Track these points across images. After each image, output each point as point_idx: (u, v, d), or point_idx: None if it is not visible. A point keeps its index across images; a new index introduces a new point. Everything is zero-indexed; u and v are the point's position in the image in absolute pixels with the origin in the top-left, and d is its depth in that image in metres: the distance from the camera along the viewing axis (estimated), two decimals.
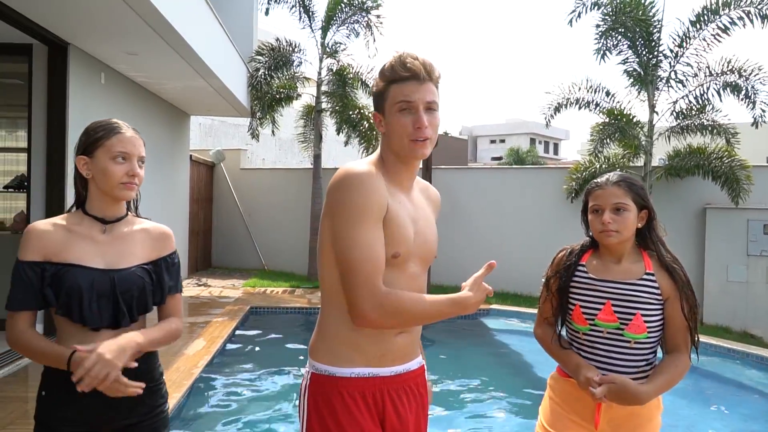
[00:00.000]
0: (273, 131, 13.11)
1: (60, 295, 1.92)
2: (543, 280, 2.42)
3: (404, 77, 1.81)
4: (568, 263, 2.34)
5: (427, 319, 1.84)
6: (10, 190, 7.30)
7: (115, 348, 1.85)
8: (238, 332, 7.72)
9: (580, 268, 2.31)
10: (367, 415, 1.83)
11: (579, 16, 10.79)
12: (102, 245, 2.00)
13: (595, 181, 2.36)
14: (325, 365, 1.86)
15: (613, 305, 2.20)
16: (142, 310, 2.03)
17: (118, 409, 1.98)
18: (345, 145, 13.00)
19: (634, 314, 2.18)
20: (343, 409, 1.81)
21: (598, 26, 10.60)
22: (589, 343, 2.24)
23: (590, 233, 2.37)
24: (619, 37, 10.57)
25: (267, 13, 12.46)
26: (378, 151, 1.92)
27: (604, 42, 10.64)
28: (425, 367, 2.06)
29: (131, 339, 1.90)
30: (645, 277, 2.22)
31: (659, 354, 2.31)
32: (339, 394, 1.82)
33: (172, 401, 4.54)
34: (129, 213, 2.13)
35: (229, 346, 7.08)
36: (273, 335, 8.00)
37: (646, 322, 2.18)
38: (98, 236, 2.01)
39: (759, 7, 9.76)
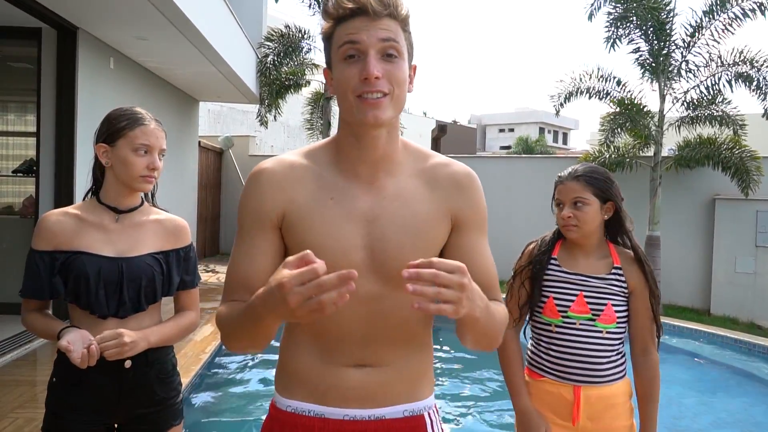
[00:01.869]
0: (275, 117, 13.05)
1: (68, 282, 1.94)
2: (512, 272, 2.37)
3: (349, 11, 1.32)
4: (540, 255, 2.32)
5: (243, 330, 1.29)
6: (18, 174, 7.32)
7: (134, 337, 1.89)
8: None
9: (552, 261, 2.30)
10: None
11: (599, 8, 10.70)
12: (113, 234, 2.00)
13: (559, 174, 2.38)
14: (276, 393, 1.53)
15: (585, 297, 2.21)
16: (150, 300, 2.02)
17: (129, 399, 1.99)
18: None
19: (605, 304, 2.20)
20: None
21: (609, 14, 10.52)
22: (561, 334, 2.22)
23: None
24: (631, 26, 10.49)
25: (277, 0, 12.43)
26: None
27: (615, 31, 10.55)
28: (429, 419, 1.51)
29: (144, 338, 1.93)
30: (614, 271, 2.24)
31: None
32: (272, 427, 1.50)
33: None
34: (145, 203, 2.12)
35: None
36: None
37: (615, 311, 2.20)
38: (110, 225, 2.01)
39: None
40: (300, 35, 12.29)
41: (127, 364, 1.95)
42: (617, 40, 10.62)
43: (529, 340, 2.39)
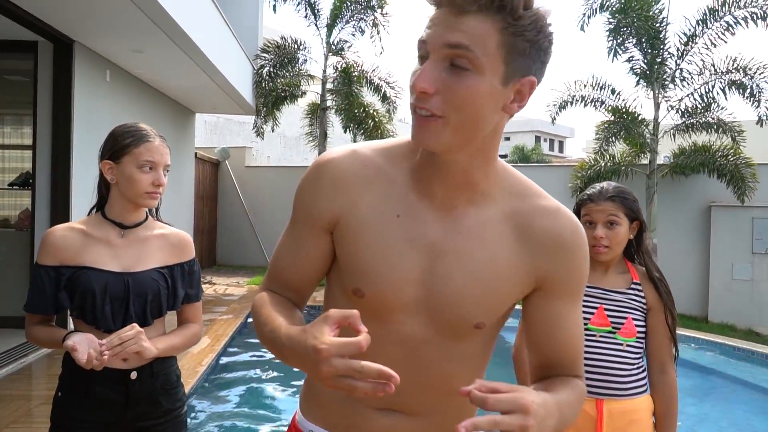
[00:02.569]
0: (273, 128, 13.07)
1: (74, 298, 1.95)
2: None
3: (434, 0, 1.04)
4: None
5: (269, 347, 1.16)
6: (15, 187, 7.31)
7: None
8: (243, 330, 7.73)
9: None
10: None
11: (588, 19, 10.79)
12: (118, 249, 2.01)
13: (588, 192, 2.31)
14: (299, 407, 1.42)
15: (606, 309, 2.21)
16: (156, 315, 2.03)
17: (134, 411, 1.99)
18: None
19: (625, 318, 2.20)
20: None
21: (609, 22, 10.58)
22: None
23: None
24: (626, 35, 10.56)
25: (275, 10, 12.47)
26: None
27: (615, 40, 10.62)
28: None
29: (153, 347, 1.93)
30: (633, 286, 2.24)
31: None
32: None
33: None
34: (149, 217, 2.13)
35: (234, 345, 7.09)
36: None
37: (636, 326, 2.20)
38: (115, 240, 2.02)
39: (763, 8, 9.80)
40: (296, 46, 12.32)
41: (133, 375, 1.96)
42: (618, 48, 10.68)
43: None
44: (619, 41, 10.62)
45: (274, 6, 12.39)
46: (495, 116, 1.08)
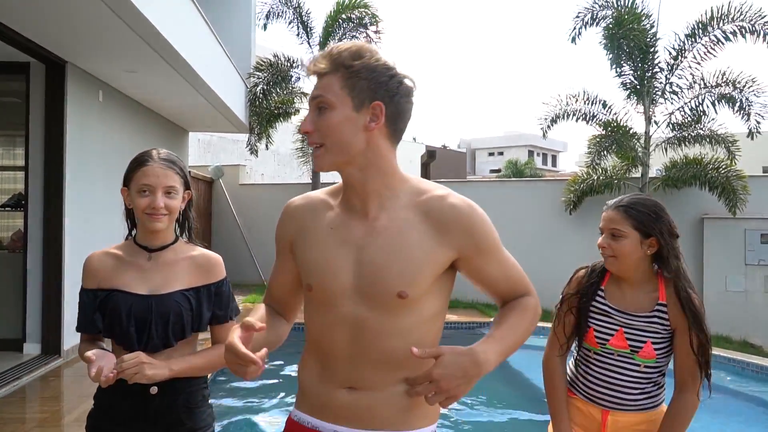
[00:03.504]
0: (267, 146, 13.10)
1: (105, 319, 2.03)
2: (560, 297, 2.35)
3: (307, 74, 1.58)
4: (587, 287, 2.28)
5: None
6: (7, 208, 7.29)
7: (155, 366, 1.92)
8: None
9: (600, 293, 2.26)
10: None
11: (579, 33, 10.91)
12: (147, 272, 2.07)
13: (608, 200, 2.32)
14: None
15: (626, 332, 2.19)
16: (179, 336, 2.04)
17: (156, 427, 2.02)
18: None
19: (645, 342, 2.17)
20: None
21: (606, 35, 10.68)
22: (599, 362, 2.23)
23: None
24: (616, 50, 10.66)
25: (265, 28, 12.54)
26: None
27: (613, 51, 10.71)
28: None
29: (166, 366, 1.95)
30: (657, 308, 2.18)
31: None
32: None
33: None
34: (180, 240, 2.18)
35: None
36: (272, 351, 7.96)
37: (656, 349, 2.18)
38: (144, 264, 2.08)
39: (751, 22, 9.90)
40: (289, 64, 12.38)
41: (153, 390, 1.99)
42: (617, 60, 10.78)
43: (572, 357, 2.39)
44: (612, 55, 10.73)
45: (265, 24, 12.46)
46: (360, 135, 1.49)
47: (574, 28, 10.95)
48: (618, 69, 10.81)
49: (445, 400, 1.36)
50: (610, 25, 10.56)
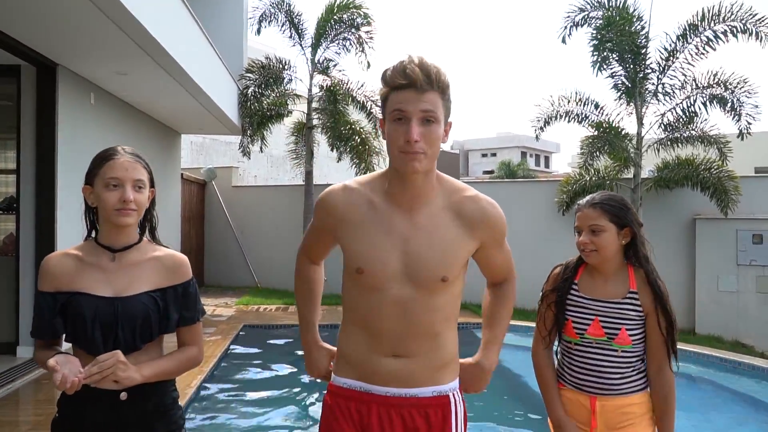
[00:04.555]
0: (261, 148, 13.09)
1: (67, 323, 1.95)
2: (541, 294, 2.54)
3: (401, 85, 1.73)
4: (563, 282, 2.47)
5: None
6: None
7: (129, 369, 1.88)
8: (231, 351, 7.69)
9: (573, 286, 2.45)
10: (346, 425, 1.89)
11: (570, 33, 10.93)
12: (111, 273, 1.99)
13: (578, 202, 2.50)
14: (333, 373, 2.00)
15: (601, 321, 2.36)
16: (146, 339, 1.99)
17: None
18: (338, 161, 12.99)
19: (619, 329, 2.34)
20: (329, 414, 1.93)
21: (594, 38, 10.70)
22: (580, 352, 2.39)
23: None
24: (607, 51, 10.68)
25: (259, 32, 12.53)
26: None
27: (599, 56, 10.74)
28: (453, 398, 1.94)
29: (137, 371, 1.90)
30: (629, 295, 2.36)
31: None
32: (331, 400, 1.95)
33: None
34: (144, 240, 2.11)
35: (223, 365, 7.05)
36: (267, 353, 7.96)
37: (630, 335, 2.33)
38: (108, 265, 2.00)
39: (743, 21, 9.91)
40: (281, 66, 12.37)
41: (123, 396, 1.93)
42: (602, 63, 10.79)
43: (558, 352, 2.56)
44: (603, 57, 10.74)
45: (258, 29, 12.45)
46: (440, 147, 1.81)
47: (565, 27, 10.97)
48: (601, 72, 10.80)
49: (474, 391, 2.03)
50: (600, 27, 10.57)
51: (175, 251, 2.14)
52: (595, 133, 11.13)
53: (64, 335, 1.99)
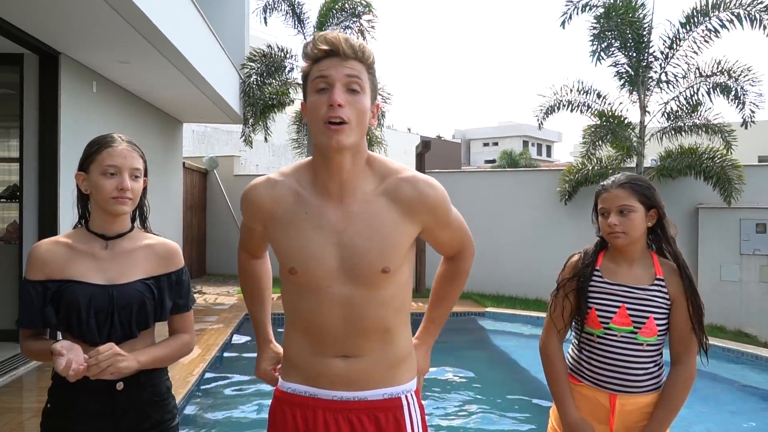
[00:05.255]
0: (266, 137, 13.09)
1: (60, 312, 1.93)
2: (556, 284, 2.39)
3: (323, 52, 1.60)
4: (584, 268, 2.32)
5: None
6: (2, 200, 7.27)
7: (127, 358, 1.87)
8: (233, 339, 7.71)
9: (596, 272, 2.31)
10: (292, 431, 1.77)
11: (570, 18, 10.88)
12: (103, 261, 1.99)
13: (602, 183, 2.37)
14: (280, 378, 1.87)
15: (628, 309, 2.23)
16: (142, 326, 2.00)
17: (123, 422, 1.97)
18: None
19: (647, 317, 2.20)
20: (273, 424, 1.83)
21: (593, 27, 10.66)
22: (603, 345, 2.25)
23: (600, 233, 2.37)
24: (611, 39, 10.64)
25: (266, 22, 12.45)
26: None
27: (599, 44, 10.70)
28: (405, 401, 1.79)
29: (134, 359, 1.90)
30: (656, 282, 2.24)
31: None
32: (275, 407, 1.83)
33: None
34: (136, 228, 2.10)
35: (225, 354, 7.07)
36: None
37: (657, 325, 2.21)
38: (100, 252, 1.99)
39: (747, 9, 9.85)
40: (282, 54, 12.33)
41: (119, 386, 1.94)
42: (602, 52, 10.75)
43: (571, 345, 2.41)
44: (603, 46, 10.70)
45: (265, 19, 12.40)
46: (367, 126, 1.65)
47: (566, 13, 10.91)
48: (600, 62, 10.77)
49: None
50: (600, 15, 10.52)
51: (166, 239, 2.14)
52: (598, 122, 11.10)
53: (44, 326, 1.96)
